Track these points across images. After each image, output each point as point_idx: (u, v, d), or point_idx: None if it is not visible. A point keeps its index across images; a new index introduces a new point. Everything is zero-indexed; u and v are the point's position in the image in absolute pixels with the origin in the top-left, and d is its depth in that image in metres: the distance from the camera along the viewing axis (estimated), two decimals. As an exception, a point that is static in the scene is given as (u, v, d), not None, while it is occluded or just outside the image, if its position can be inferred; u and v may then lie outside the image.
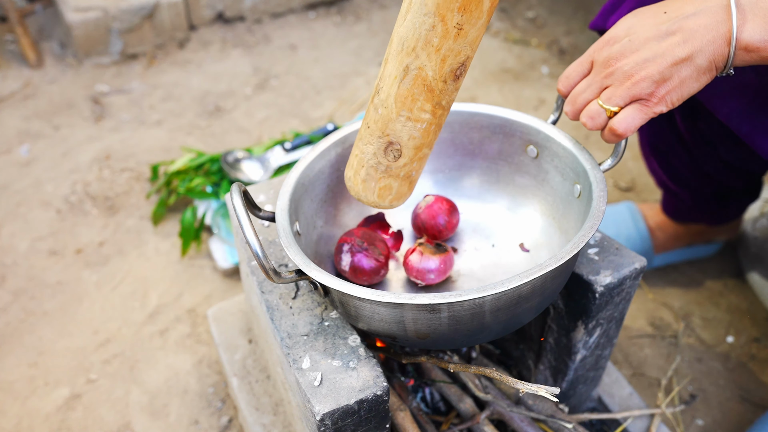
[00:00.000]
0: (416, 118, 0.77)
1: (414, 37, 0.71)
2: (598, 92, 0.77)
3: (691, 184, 1.33)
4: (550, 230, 0.95)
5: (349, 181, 0.86)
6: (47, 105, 2.10)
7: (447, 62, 0.72)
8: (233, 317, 1.25)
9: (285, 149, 1.73)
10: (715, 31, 0.70)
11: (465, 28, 0.70)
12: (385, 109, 0.77)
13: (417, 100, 0.75)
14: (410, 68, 0.73)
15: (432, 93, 0.75)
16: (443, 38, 0.70)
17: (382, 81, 0.77)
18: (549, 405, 1.02)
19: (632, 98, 0.74)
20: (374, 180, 0.83)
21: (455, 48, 0.71)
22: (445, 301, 0.68)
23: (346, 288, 0.72)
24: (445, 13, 0.68)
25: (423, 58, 0.72)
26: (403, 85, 0.74)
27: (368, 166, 0.82)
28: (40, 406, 1.28)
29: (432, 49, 0.71)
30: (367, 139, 0.80)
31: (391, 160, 0.80)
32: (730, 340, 1.40)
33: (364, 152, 0.81)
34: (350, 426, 0.76)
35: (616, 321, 0.97)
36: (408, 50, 0.72)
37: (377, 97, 0.78)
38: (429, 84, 0.74)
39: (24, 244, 1.63)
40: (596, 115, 0.77)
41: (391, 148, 0.79)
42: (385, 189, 0.84)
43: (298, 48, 2.41)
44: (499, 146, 0.99)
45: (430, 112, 0.77)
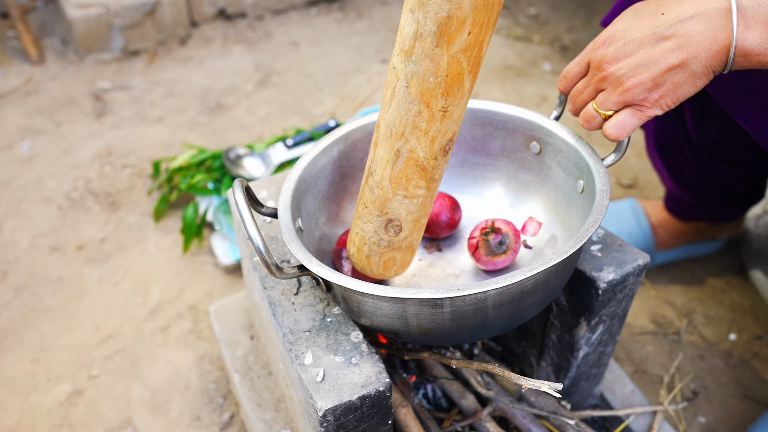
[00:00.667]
0: (412, 195, 0.79)
1: (401, 124, 0.73)
2: (594, 94, 0.78)
3: (695, 185, 1.32)
4: (553, 226, 0.95)
5: (354, 257, 0.87)
6: (49, 101, 2.10)
7: (436, 142, 0.74)
8: (235, 313, 1.25)
9: (286, 146, 1.73)
10: (712, 38, 0.69)
11: (450, 109, 0.71)
12: (381, 191, 0.79)
13: (411, 179, 0.77)
14: (401, 152, 0.75)
15: (425, 171, 0.77)
16: (430, 122, 0.72)
17: (374, 164, 0.78)
18: (551, 402, 1.02)
19: (625, 103, 0.74)
20: (378, 255, 0.84)
21: (442, 128, 0.73)
22: (447, 295, 0.68)
23: (349, 283, 0.71)
24: (429, 99, 0.70)
25: (413, 142, 0.74)
26: (396, 167, 0.76)
27: (370, 242, 0.83)
28: (41, 402, 1.28)
29: (420, 133, 0.73)
30: (366, 218, 0.82)
31: (392, 235, 0.82)
32: (733, 337, 1.40)
33: (365, 230, 0.83)
34: (352, 422, 0.76)
35: (618, 318, 0.96)
36: (397, 135, 0.74)
37: (371, 179, 0.79)
38: (421, 164, 0.76)
39: (25, 241, 1.63)
40: (591, 118, 0.78)
41: (391, 225, 0.81)
42: (389, 261, 0.85)
43: (300, 44, 2.40)
44: (502, 142, 0.98)
45: (425, 187, 0.79)
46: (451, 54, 0.66)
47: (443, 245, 0.98)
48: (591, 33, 2.43)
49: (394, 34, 2.47)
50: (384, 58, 2.32)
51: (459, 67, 0.68)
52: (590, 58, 0.77)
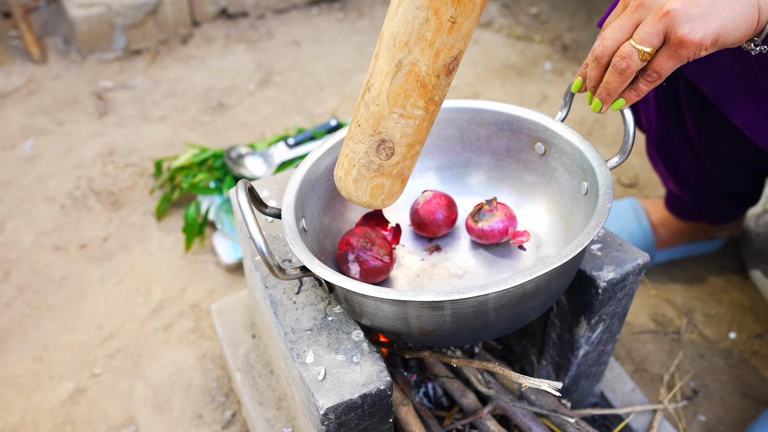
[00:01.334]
0: (409, 115, 0.75)
1: (406, 32, 0.69)
2: (631, 30, 0.70)
3: (696, 186, 1.33)
4: (557, 228, 0.95)
5: (340, 181, 0.84)
6: (51, 101, 2.11)
7: (440, 56, 0.71)
8: (237, 312, 1.25)
9: (288, 145, 1.73)
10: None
11: (459, 21, 0.68)
12: (377, 107, 0.75)
13: (410, 96, 0.73)
14: (403, 63, 0.71)
15: (425, 88, 0.73)
16: (437, 32, 0.69)
17: (372, 77, 0.75)
18: (551, 400, 1.02)
19: (665, 32, 0.67)
20: (366, 179, 0.81)
21: (449, 42, 0.70)
22: (448, 298, 0.68)
23: (351, 285, 0.72)
24: (438, 6, 0.67)
25: (416, 53, 0.70)
26: (395, 81, 0.72)
27: (360, 165, 0.80)
28: (44, 401, 1.29)
29: (425, 44, 0.69)
30: (358, 137, 0.78)
31: (384, 158, 0.78)
32: (733, 336, 1.41)
33: (355, 151, 0.79)
34: (353, 420, 0.76)
35: (618, 317, 0.97)
36: (400, 45, 0.70)
37: (368, 94, 0.76)
38: (422, 79, 0.72)
39: (28, 239, 1.63)
40: (628, 55, 0.69)
41: (384, 146, 0.77)
42: (378, 188, 0.82)
43: (301, 44, 2.41)
44: (507, 143, 0.98)
45: (423, 108, 0.75)
46: None
47: (445, 246, 0.99)
48: (592, 32, 2.43)
49: (395, 33, 2.47)
50: (385, 58, 2.33)
51: None
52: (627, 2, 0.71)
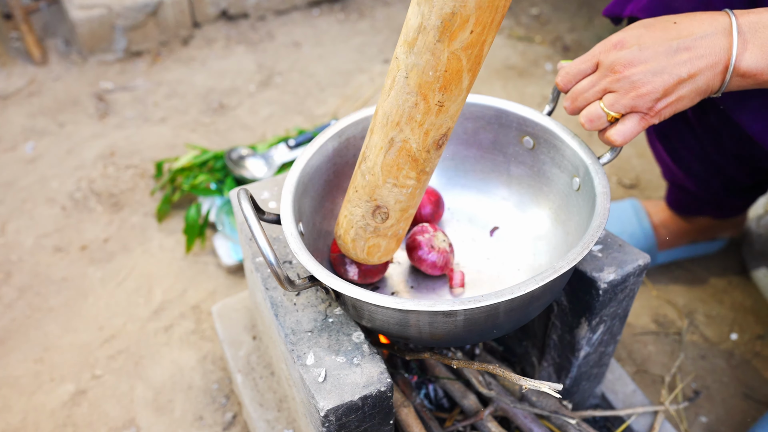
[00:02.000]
0: (402, 185, 0.80)
1: (398, 113, 0.74)
2: (600, 94, 0.78)
3: (698, 173, 1.32)
4: (547, 222, 0.95)
5: (340, 239, 0.88)
6: (52, 102, 2.11)
7: (430, 135, 0.75)
8: (237, 314, 1.25)
9: (289, 146, 1.73)
10: (717, 58, 0.73)
11: (446, 104, 0.73)
12: (372, 176, 0.80)
13: (402, 168, 0.78)
14: (395, 140, 0.76)
15: (416, 162, 0.78)
16: (425, 114, 0.73)
17: (368, 150, 0.80)
18: (552, 401, 1.02)
19: (633, 108, 0.76)
20: (363, 239, 0.86)
21: (437, 122, 0.74)
22: (463, 307, 0.69)
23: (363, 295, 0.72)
24: (426, 92, 0.71)
25: (407, 132, 0.75)
26: (389, 155, 0.77)
27: (357, 227, 0.85)
28: (45, 402, 1.29)
29: (415, 124, 0.74)
30: (355, 202, 0.83)
31: (379, 222, 0.83)
32: (734, 337, 1.40)
33: (353, 214, 0.84)
34: (354, 422, 0.76)
35: (619, 318, 0.97)
36: (392, 124, 0.75)
37: (364, 164, 0.81)
38: (413, 155, 0.77)
39: (29, 241, 1.64)
40: (596, 117, 0.79)
41: (379, 212, 0.82)
42: (374, 247, 0.87)
43: (302, 45, 2.41)
44: (494, 136, 0.99)
45: (415, 178, 0.80)
46: (451, 50, 0.67)
47: None
48: (593, 33, 2.43)
49: (395, 34, 2.47)
50: (386, 59, 2.33)
51: (459, 64, 0.69)
52: (600, 59, 0.78)
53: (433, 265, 0.92)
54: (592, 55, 0.80)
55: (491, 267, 0.96)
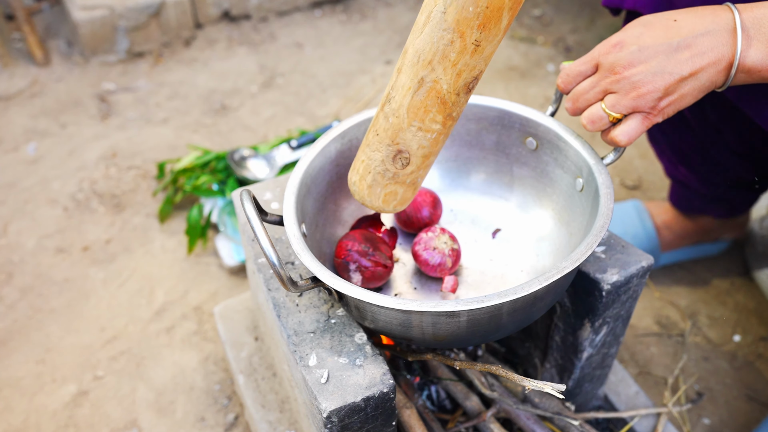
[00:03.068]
0: (427, 129, 0.77)
1: (431, 51, 0.71)
2: (601, 96, 0.78)
3: (699, 168, 1.32)
4: (550, 222, 0.95)
5: (354, 186, 0.86)
6: (54, 103, 2.11)
7: (462, 76, 0.73)
8: (239, 315, 1.25)
9: (291, 147, 1.73)
10: (720, 54, 0.73)
11: (482, 44, 0.70)
12: (396, 119, 0.77)
13: (429, 111, 0.76)
14: (425, 80, 0.73)
15: (445, 105, 0.76)
16: (461, 53, 0.71)
17: (394, 90, 0.77)
18: (555, 403, 1.02)
19: (635, 109, 0.76)
20: (380, 186, 0.83)
21: (471, 63, 0.72)
22: (466, 308, 0.69)
23: (366, 296, 0.72)
24: (464, 29, 0.69)
25: (439, 72, 0.72)
26: (416, 96, 0.75)
27: (375, 172, 0.82)
28: (47, 403, 1.29)
29: (449, 64, 0.72)
30: (375, 146, 0.81)
31: (399, 167, 0.81)
32: (737, 339, 1.40)
33: (372, 158, 0.81)
34: (357, 423, 0.76)
35: (622, 319, 0.97)
36: (424, 63, 0.72)
37: (388, 106, 0.78)
38: (443, 97, 0.75)
39: (31, 242, 1.64)
40: (598, 119, 0.79)
41: (400, 156, 0.80)
42: (391, 195, 0.84)
43: (304, 46, 2.41)
44: (497, 138, 0.99)
45: (441, 123, 0.77)
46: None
47: None
48: (595, 34, 2.43)
49: (398, 35, 2.47)
50: (388, 59, 2.32)
51: (500, 1, 0.67)
52: (600, 60, 0.78)
53: (425, 264, 0.91)
54: (592, 56, 0.80)
55: (494, 268, 0.95)
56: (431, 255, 0.91)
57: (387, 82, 2.20)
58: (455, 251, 0.92)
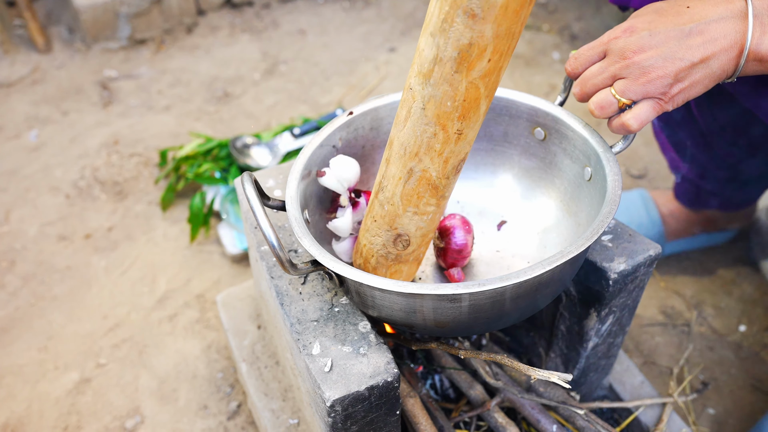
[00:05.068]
0: (423, 212, 0.80)
1: (416, 144, 0.73)
2: (610, 81, 0.76)
3: (702, 164, 1.31)
4: (558, 213, 0.94)
5: (360, 268, 0.88)
6: (56, 90, 2.10)
7: (449, 162, 0.75)
8: (242, 303, 1.24)
9: (293, 135, 1.72)
10: (732, 41, 0.71)
11: (465, 132, 0.72)
12: (391, 206, 0.79)
13: (422, 197, 0.78)
14: (414, 171, 0.76)
15: (437, 189, 0.78)
16: (445, 143, 0.72)
17: (385, 180, 0.79)
18: (560, 392, 1.01)
19: (645, 94, 0.74)
20: (385, 267, 0.85)
21: (456, 150, 0.74)
22: (467, 291, 0.67)
23: (365, 279, 0.71)
24: (445, 122, 0.70)
25: (426, 162, 0.74)
26: (408, 185, 0.77)
27: (378, 255, 0.84)
28: (50, 390, 1.28)
29: (435, 154, 0.73)
30: (374, 231, 0.83)
31: (401, 249, 0.83)
32: (743, 329, 1.39)
33: (373, 243, 0.84)
34: (360, 412, 0.75)
35: (629, 309, 0.96)
36: (411, 155, 0.74)
37: (382, 194, 0.80)
38: (433, 183, 0.77)
39: (33, 229, 1.63)
40: (607, 104, 0.77)
41: (400, 240, 0.82)
42: (396, 273, 0.86)
43: (307, 33, 2.39)
44: (505, 128, 0.97)
45: (435, 204, 0.79)
46: (470, 80, 0.66)
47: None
48: (600, 22, 2.41)
49: (401, 22, 2.45)
50: (391, 47, 2.31)
51: (477, 93, 0.68)
52: (610, 46, 0.76)
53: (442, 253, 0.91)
54: (602, 41, 0.78)
55: (501, 260, 0.94)
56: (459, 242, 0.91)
57: (391, 70, 2.19)
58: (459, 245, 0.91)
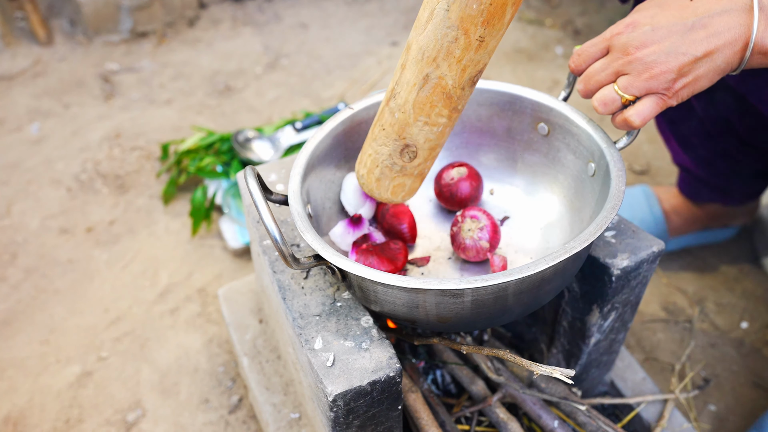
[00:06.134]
0: (434, 123, 0.78)
1: (435, 48, 0.72)
2: (613, 77, 0.76)
3: (705, 158, 1.30)
4: (561, 209, 0.94)
5: (362, 179, 0.87)
6: (57, 83, 2.10)
7: (467, 72, 0.74)
8: (244, 297, 1.24)
9: (295, 129, 1.72)
10: (737, 34, 0.70)
11: (487, 39, 0.70)
12: (402, 114, 0.78)
13: (435, 106, 0.76)
14: (430, 77, 0.74)
15: (450, 99, 0.76)
16: (465, 50, 0.71)
17: (398, 86, 0.77)
18: (562, 388, 1.01)
19: (648, 90, 0.74)
20: (389, 179, 0.84)
21: (476, 58, 0.72)
22: (470, 286, 0.67)
23: (368, 273, 0.70)
24: (468, 26, 0.69)
25: (444, 68, 0.73)
26: (422, 92, 0.75)
27: (383, 165, 0.83)
28: (51, 383, 1.29)
29: (453, 60, 0.72)
30: (382, 140, 0.81)
31: (407, 161, 0.82)
32: (745, 325, 1.39)
33: (379, 153, 0.82)
34: (362, 407, 0.75)
35: (631, 305, 0.95)
36: (429, 60, 0.73)
37: (393, 101, 0.78)
38: (448, 92, 0.75)
39: (35, 222, 1.63)
40: (610, 101, 0.76)
41: (407, 150, 0.81)
42: (399, 186, 0.86)
43: (309, 27, 2.38)
44: (509, 123, 0.97)
45: (447, 116, 0.78)
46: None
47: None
48: (604, 16, 2.40)
49: (404, 16, 2.44)
50: (394, 41, 2.30)
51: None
52: (613, 42, 0.76)
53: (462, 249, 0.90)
54: (605, 37, 0.78)
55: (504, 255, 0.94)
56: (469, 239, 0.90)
57: (393, 64, 2.18)
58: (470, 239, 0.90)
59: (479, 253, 0.89)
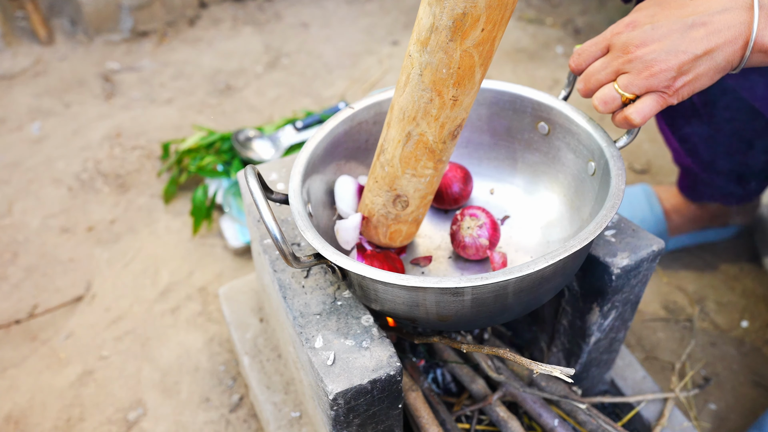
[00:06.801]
0: (420, 174, 0.83)
1: (414, 108, 0.76)
2: (613, 76, 0.76)
3: (705, 157, 1.30)
4: (561, 208, 0.94)
5: (362, 226, 0.91)
6: (58, 82, 2.10)
7: (446, 127, 0.78)
8: (244, 296, 1.24)
9: (296, 128, 1.72)
10: (737, 33, 0.70)
11: (460, 98, 0.74)
12: (391, 168, 0.83)
13: (420, 160, 0.81)
14: (412, 134, 0.79)
15: (433, 153, 0.80)
16: (441, 109, 0.75)
17: (386, 143, 0.82)
18: (562, 387, 1.01)
19: (649, 88, 0.74)
20: (385, 226, 0.89)
21: (452, 115, 0.76)
22: (470, 284, 0.67)
23: (368, 272, 0.71)
24: (441, 89, 0.73)
25: (423, 126, 0.77)
26: (406, 148, 0.80)
27: (379, 214, 0.88)
28: (53, 382, 1.29)
29: (431, 118, 0.76)
30: (375, 191, 0.86)
31: (400, 209, 0.87)
32: (745, 324, 1.39)
33: (375, 203, 0.87)
34: (363, 406, 0.76)
35: (631, 304, 0.95)
36: (409, 119, 0.77)
37: (383, 156, 0.83)
38: (430, 146, 0.79)
39: (36, 221, 1.63)
40: (610, 100, 0.77)
41: (399, 200, 0.86)
42: (396, 232, 0.90)
43: (310, 26, 2.38)
44: (509, 123, 0.97)
45: (432, 168, 0.83)
46: (464, 48, 0.69)
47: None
48: (605, 16, 2.39)
49: (404, 15, 2.44)
50: (394, 40, 2.30)
51: (471, 61, 0.70)
52: (613, 41, 0.76)
53: (462, 248, 0.91)
54: (605, 36, 0.78)
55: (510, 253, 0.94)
56: (469, 238, 0.90)
57: (394, 63, 2.18)
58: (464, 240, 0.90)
59: (479, 251, 0.90)
